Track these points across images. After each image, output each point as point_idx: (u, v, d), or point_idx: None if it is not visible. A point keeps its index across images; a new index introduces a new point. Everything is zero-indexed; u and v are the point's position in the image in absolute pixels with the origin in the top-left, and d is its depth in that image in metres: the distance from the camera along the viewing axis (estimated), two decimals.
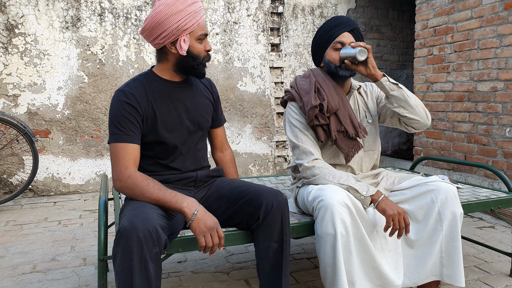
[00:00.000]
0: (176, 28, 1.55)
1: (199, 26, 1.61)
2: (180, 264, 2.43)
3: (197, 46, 1.62)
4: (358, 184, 1.71)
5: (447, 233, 1.74)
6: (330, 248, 1.59)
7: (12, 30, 3.86)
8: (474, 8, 3.48)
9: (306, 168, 1.81)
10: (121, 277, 1.29)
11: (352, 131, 1.84)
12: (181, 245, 1.53)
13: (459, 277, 1.73)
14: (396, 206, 1.65)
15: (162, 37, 1.57)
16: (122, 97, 1.58)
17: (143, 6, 4.27)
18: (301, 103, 1.86)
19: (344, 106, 1.87)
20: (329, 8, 5.09)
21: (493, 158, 3.37)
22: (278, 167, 4.98)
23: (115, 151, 1.53)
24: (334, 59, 1.87)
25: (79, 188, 4.22)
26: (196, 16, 1.58)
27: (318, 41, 1.92)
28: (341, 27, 1.87)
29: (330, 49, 1.88)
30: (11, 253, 2.59)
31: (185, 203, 1.42)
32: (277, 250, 1.54)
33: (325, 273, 1.64)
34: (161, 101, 1.64)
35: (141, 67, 4.29)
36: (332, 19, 1.91)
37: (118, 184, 1.52)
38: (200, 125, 1.74)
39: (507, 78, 3.22)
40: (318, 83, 1.88)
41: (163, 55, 1.65)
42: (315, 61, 1.99)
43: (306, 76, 1.95)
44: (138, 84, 1.63)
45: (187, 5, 1.56)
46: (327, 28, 1.88)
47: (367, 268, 1.68)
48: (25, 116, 3.97)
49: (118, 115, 1.56)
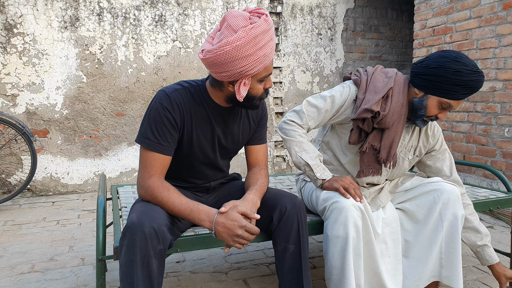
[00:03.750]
0: (239, 73, 1.40)
1: (265, 68, 1.45)
2: (178, 264, 2.43)
3: (257, 87, 1.49)
4: (317, 165, 1.72)
5: (447, 234, 1.73)
6: (340, 251, 1.58)
7: (11, 30, 3.85)
8: (472, 8, 3.48)
9: (286, 124, 1.79)
10: (124, 269, 1.30)
11: (384, 156, 1.73)
12: (179, 245, 1.52)
13: (457, 279, 1.72)
14: (342, 178, 1.68)
15: (221, 75, 1.42)
16: (166, 103, 1.48)
17: (141, 6, 4.26)
18: (362, 95, 1.70)
19: (396, 129, 1.71)
20: (327, 8, 5.09)
21: (492, 158, 3.37)
22: (276, 167, 4.98)
23: (145, 158, 1.48)
24: (431, 111, 1.67)
25: (77, 188, 4.21)
26: (264, 60, 1.42)
27: (442, 78, 1.60)
28: (467, 89, 1.60)
29: (438, 100, 1.65)
30: (9, 253, 2.59)
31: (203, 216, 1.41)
32: (295, 251, 1.52)
33: (330, 275, 1.62)
34: (203, 122, 1.56)
35: (139, 66, 4.29)
36: (472, 73, 1.58)
37: (140, 191, 1.49)
38: (229, 155, 1.71)
39: (506, 78, 3.22)
40: (393, 90, 1.71)
41: (218, 85, 1.52)
42: (416, 79, 1.69)
43: (387, 73, 1.78)
44: (186, 94, 1.53)
45: (257, 49, 1.38)
46: (461, 81, 1.58)
47: (369, 273, 1.68)
48: (24, 115, 3.96)
49: (157, 120, 1.47)
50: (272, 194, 1.59)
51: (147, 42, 4.30)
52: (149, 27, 4.30)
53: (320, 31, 5.08)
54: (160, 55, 4.36)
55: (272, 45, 1.42)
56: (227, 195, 1.72)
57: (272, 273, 2.29)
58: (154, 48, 4.33)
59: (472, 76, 1.58)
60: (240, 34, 1.34)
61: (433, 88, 1.64)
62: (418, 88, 1.69)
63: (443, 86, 1.61)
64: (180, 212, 1.43)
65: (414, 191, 1.82)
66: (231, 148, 1.68)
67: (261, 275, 2.27)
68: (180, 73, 4.45)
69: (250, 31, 1.35)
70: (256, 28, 1.36)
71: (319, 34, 5.08)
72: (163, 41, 4.36)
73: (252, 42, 1.36)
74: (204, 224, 1.41)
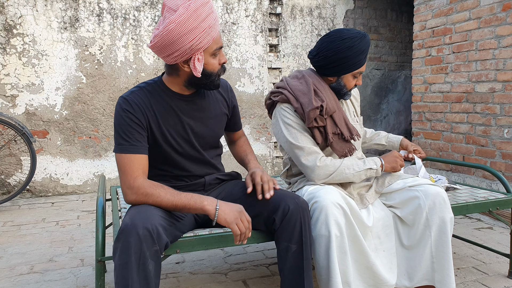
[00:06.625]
0: (190, 48, 1.42)
1: (214, 40, 1.48)
2: (178, 265, 2.42)
3: (211, 62, 1.51)
4: (368, 163, 1.82)
5: (436, 239, 1.73)
6: (324, 250, 1.59)
7: (10, 31, 3.85)
8: (472, 9, 3.48)
9: (319, 168, 1.76)
10: (119, 272, 1.30)
11: (347, 133, 1.83)
12: (179, 246, 1.52)
13: (449, 283, 1.72)
14: (388, 156, 1.87)
15: (173, 56, 1.45)
16: (125, 105, 1.50)
17: (141, 7, 4.26)
18: (297, 104, 1.79)
19: (339, 108, 1.85)
20: (327, 9, 5.10)
21: (491, 159, 3.37)
22: (276, 168, 4.98)
23: (122, 163, 1.46)
24: (350, 85, 1.88)
25: (77, 189, 4.21)
26: (211, 32, 1.45)
27: (344, 59, 1.80)
28: (365, 54, 1.82)
29: (350, 75, 1.85)
30: (8, 253, 2.59)
31: (205, 202, 1.43)
32: (297, 251, 1.53)
33: (320, 275, 1.63)
34: (168, 115, 1.56)
35: (139, 67, 4.29)
36: (360, 40, 1.79)
37: (130, 197, 1.45)
38: (209, 144, 1.69)
39: (505, 79, 3.22)
40: (314, 85, 1.84)
41: (174, 70, 1.54)
42: (324, 70, 1.87)
43: (297, 77, 1.89)
44: (143, 93, 1.54)
45: (201, 20, 1.41)
46: (357, 52, 1.79)
47: (360, 268, 1.69)
48: (23, 116, 3.96)
49: (122, 124, 1.48)
50: (274, 194, 1.58)
51: (146, 43, 4.30)
52: (149, 28, 4.30)
53: (319, 32, 5.08)
54: None
55: (214, 17, 1.46)
56: (229, 194, 1.71)
57: (271, 274, 2.29)
58: None
59: (361, 42, 1.78)
60: (180, 11, 1.39)
61: (341, 70, 1.83)
62: (330, 76, 1.87)
63: (348, 64, 1.80)
64: (181, 202, 1.42)
65: (400, 195, 1.82)
66: (207, 135, 1.67)
67: (260, 276, 2.27)
68: None
69: (189, 6, 1.40)
70: (194, 2, 1.41)
71: (318, 35, 5.08)
72: None
73: (194, 15, 1.40)
74: (206, 207, 1.41)
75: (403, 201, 1.80)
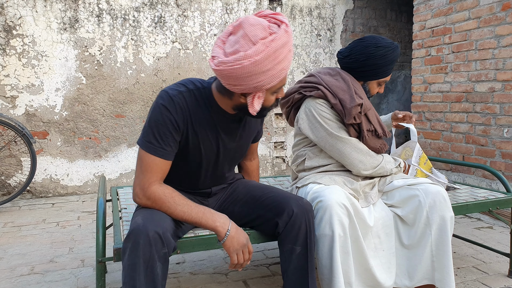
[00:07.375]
0: (255, 87, 1.31)
1: (281, 80, 1.36)
2: (178, 265, 2.42)
3: (269, 98, 1.40)
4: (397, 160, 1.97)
5: (436, 238, 1.73)
6: (328, 250, 1.59)
7: (10, 32, 3.86)
8: (471, 9, 3.49)
9: (367, 160, 1.85)
10: (127, 272, 1.30)
11: (380, 130, 1.89)
12: (179, 247, 1.52)
13: (449, 282, 1.72)
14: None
15: (235, 87, 1.33)
16: (169, 105, 1.40)
17: (140, 7, 4.27)
18: (335, 100, 1.80)
19: (371, 107, 1.90)
20: (327, 9, 5.10)
21: (491, 159, 3.37)
22: (276, 168, 4.98)
23: (146, 162, 1.40)
24: (373, 91, 1.97)
25: (77, 190, 4.21)
26: (282, 73, 1.32)
27: (374, 66, 1.86)
28: (394, 64, 1.91)
29: (376, 81, 1.94)
30: (9, 254, 2.59)
31: (218, 222, 1.41)
32: (301, 253, 1.52)
33: (322, 275, 1.64)
34: (207, 129, 1.49)
35: (139, 68, 4.29)
36: (393, 50, 1.86)
37: (140, 200, 1.43)
38: (233, 160, 1.66)
39: (505, 78, 3.23)
40: (352, 84, 1.88)
41: (228, 94, 1.41)
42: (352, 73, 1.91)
43: (331, 74, 1.91)
44: (191, 97, 1.45)
45: (276, 63, 1.28)
46: (388, 61, 1.86)
47: (360, 269, 1.69)
48: (23, 117, 3.96)
49: (160, 122, 1.40)
50: (278, 197, 1.57)
51: (146, 43, 4.30)
52: (149, 29, 4.31)
53: (319, 32, 5.09)
54: (160, 57, 4.37)
55: (290, 58, 1.33)
56: (231, 195, 1.71)
57: (272, 274, 2.29)
58: (153, 49, 4.34)
59: (394, 53, 1.86)
60: (259, 48, 1.24)
61: (369, 76, 1.90)
62: (357, 79, 1.92)
63: (377, 71, 1.88)
64: (191, 218, 1.41)
65: (400, 194, 1.82)
66: (236, 151, 1.64)
67: (261, 276, 2.27)
68: (179, 74, 4.45)
69: (270, 45, 1.25)
70: (276, 41, 1.26)
71: (318, 35, 5.08)
72: (162, 42, 4.36)
73: (272, 57, 1.26)
74: (218, 228, 1.40)
75: (403, 200, 1.80)
